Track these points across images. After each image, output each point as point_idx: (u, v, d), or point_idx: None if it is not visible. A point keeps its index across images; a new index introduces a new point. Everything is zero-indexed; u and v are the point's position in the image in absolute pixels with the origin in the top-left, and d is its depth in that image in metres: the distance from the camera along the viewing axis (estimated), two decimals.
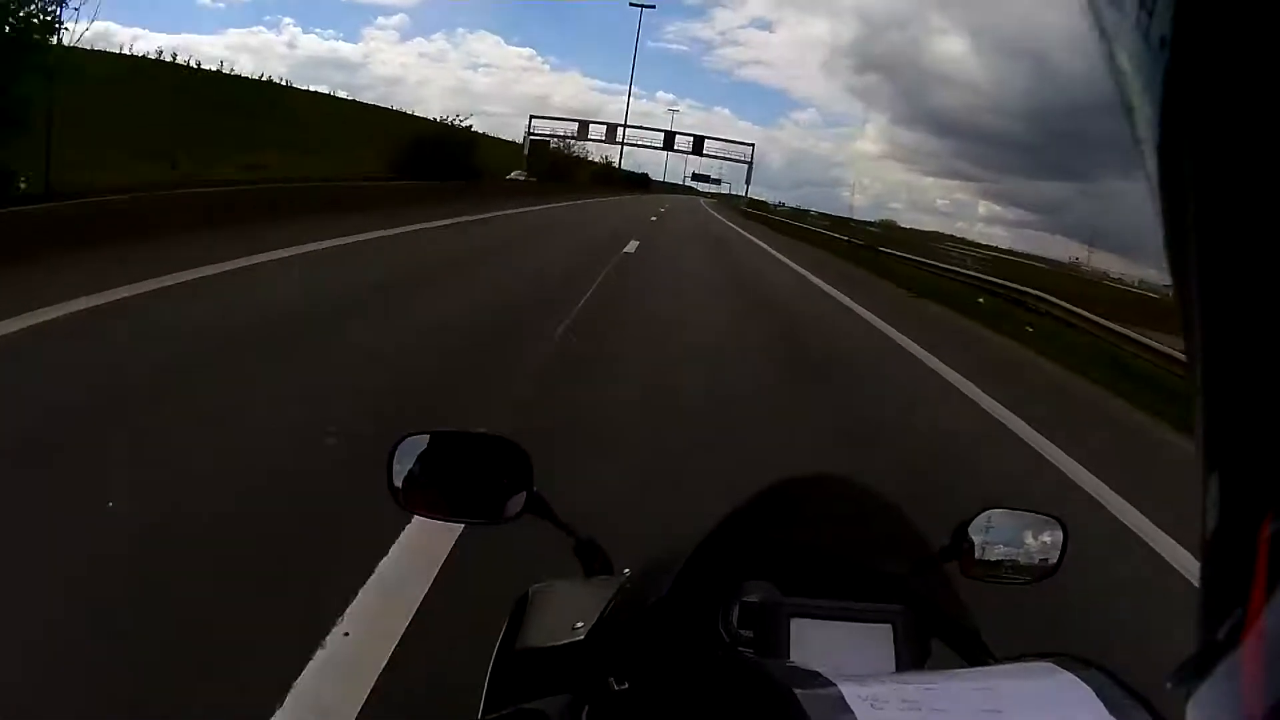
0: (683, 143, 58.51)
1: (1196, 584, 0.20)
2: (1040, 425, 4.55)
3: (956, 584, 0.67)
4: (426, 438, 0.72)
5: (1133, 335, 8.91)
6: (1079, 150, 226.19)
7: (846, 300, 9.77)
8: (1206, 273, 0.18)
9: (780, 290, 10.60)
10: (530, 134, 45.19)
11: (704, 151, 61.08)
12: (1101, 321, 9.85)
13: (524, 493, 0.71)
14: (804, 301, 9.71)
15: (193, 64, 26.25)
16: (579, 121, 54.82)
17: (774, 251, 18.51)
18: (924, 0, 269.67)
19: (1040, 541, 0.75)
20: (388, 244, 8.33)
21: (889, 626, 0.57)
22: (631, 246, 12.21)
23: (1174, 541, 3.03)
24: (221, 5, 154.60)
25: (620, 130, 54.96)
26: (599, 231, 15.13)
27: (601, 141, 53.86)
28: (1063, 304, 11.09)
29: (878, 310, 8.84)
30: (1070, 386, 6.70)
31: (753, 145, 63.53)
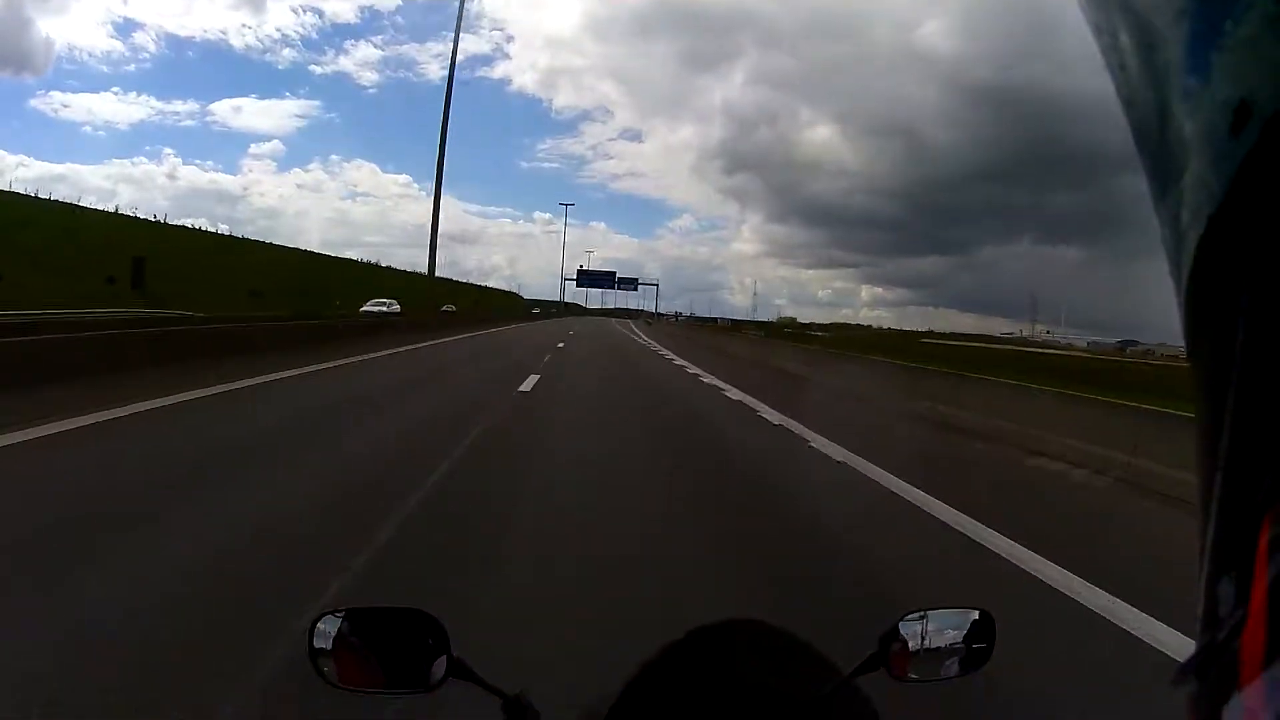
0: None
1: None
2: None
3: (892, 689, 0.72)
4: (343, 614, 0.75)
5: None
6: (952, 223, 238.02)
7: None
8: (1208, 280, 0.20)
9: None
10: None
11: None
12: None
13: (444, 657, 0.73)
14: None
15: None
16: None
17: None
18: (791, 93, 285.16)
19: (966, 634, 0.77)
20: None
21: None
22: None
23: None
24: (103, 134, 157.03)
25: None
26: None
27: None
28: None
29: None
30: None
31: None
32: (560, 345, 19.97)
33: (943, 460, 6.43)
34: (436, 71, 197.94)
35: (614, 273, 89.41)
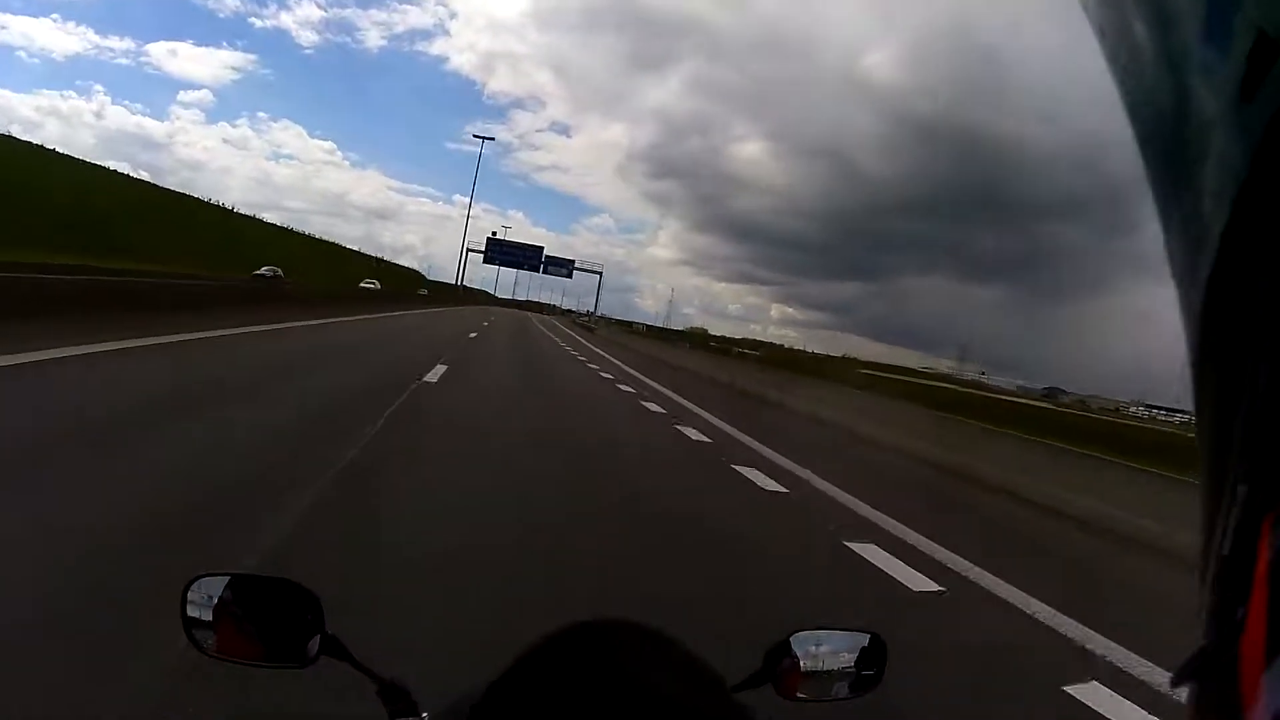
0: None
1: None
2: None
3: (778, 708, 0.70)
4: (219, 579, 0.73)
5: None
6: (872, 250, 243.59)
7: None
8: (1230, 270, 0.19)
9: None
10: None
11: None
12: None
13: (318, 635, 0.71)
14: None
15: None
16: None
17: None
18: (728, 105, 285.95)
19: (855, 656, 0.75)
20: None
21: None
22: None
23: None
24: (37, 61, 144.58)
25: None
26: None
27: None
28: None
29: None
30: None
31: None
32: None
33: None
34: (376, 40, 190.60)
35: (541, 248, 61.03)
